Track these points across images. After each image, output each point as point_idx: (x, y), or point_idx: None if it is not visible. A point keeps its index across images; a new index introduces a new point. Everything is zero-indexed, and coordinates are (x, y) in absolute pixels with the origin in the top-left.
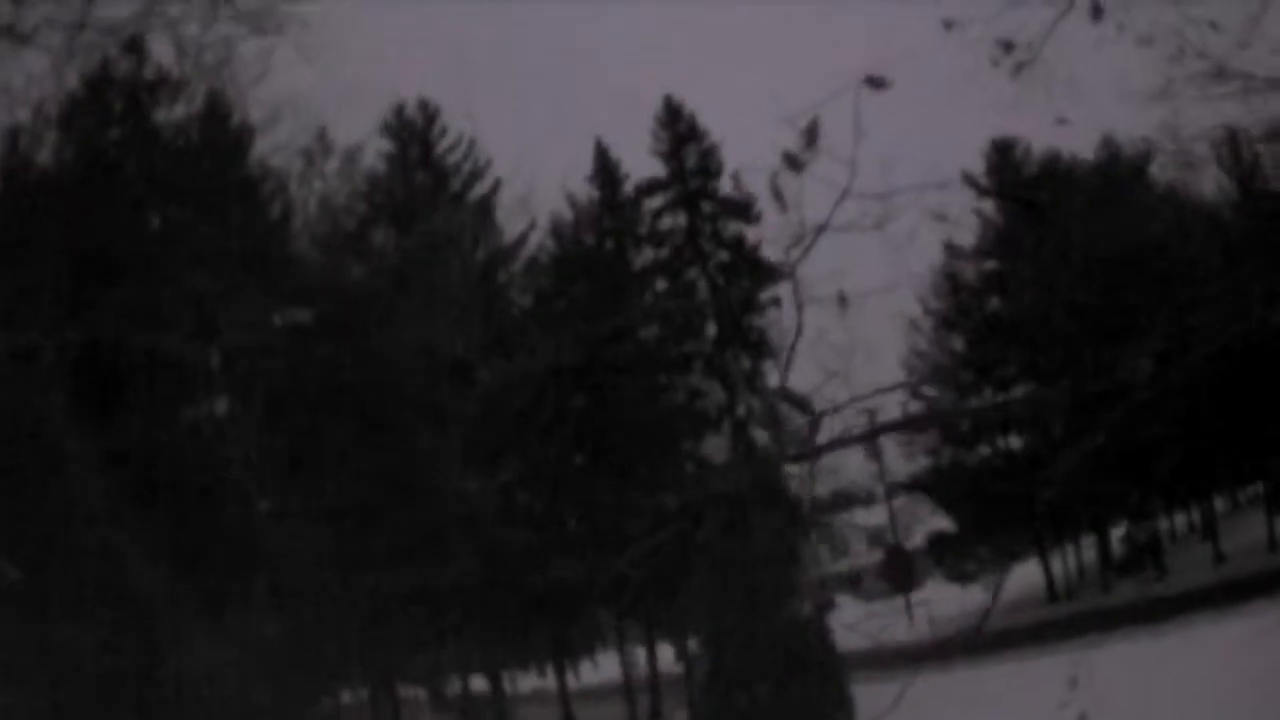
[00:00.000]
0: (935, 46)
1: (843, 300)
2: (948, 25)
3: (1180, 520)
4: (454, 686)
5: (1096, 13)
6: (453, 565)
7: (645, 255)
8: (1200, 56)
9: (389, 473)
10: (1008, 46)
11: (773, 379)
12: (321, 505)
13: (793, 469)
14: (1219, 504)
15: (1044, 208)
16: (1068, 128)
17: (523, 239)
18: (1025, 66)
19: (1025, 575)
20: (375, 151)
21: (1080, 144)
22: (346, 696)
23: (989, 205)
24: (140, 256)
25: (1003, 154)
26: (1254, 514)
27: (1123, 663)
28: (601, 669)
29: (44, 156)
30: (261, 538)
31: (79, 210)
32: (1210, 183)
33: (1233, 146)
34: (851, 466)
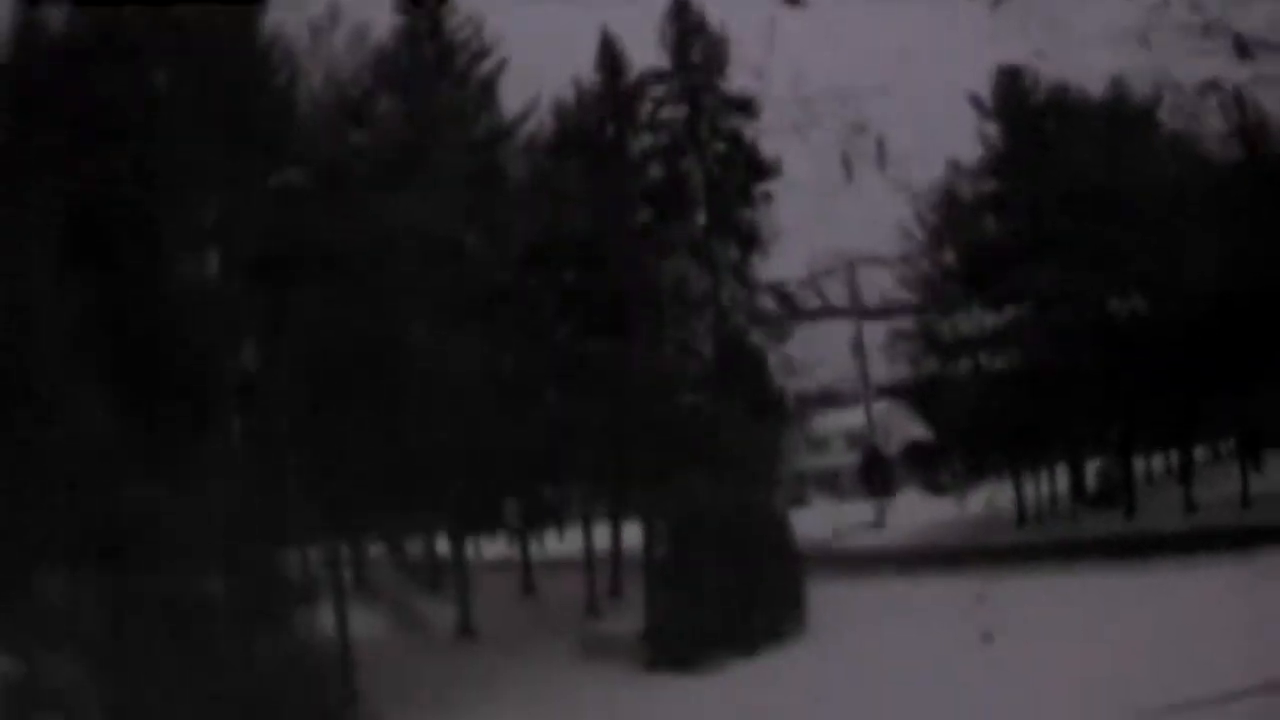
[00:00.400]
0: None
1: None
2: None
3: (1159, 464)
4: (417, 547)
5: None
6: (427, 427)
7: (644, 141)
8: (1193, 9)
9: (370, 335)
10: None
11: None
12: (300, 364)
13: (775, 362)
14: (1200, 453)
15: (1048, 135)
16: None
17: (524, 116)
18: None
19: (1001, 499)
20: (386, 27)
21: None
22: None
23: (993, 128)
24: (140, 114)
25: (1011, 79)
26: (1234, 467)
27: (1050, 592)
28: (567, 542)
29: (57, 24)
30: (234, 391)
31: (83, 68)
32: (1214, 140)
33: (1239, 104)
34: (834, 366)
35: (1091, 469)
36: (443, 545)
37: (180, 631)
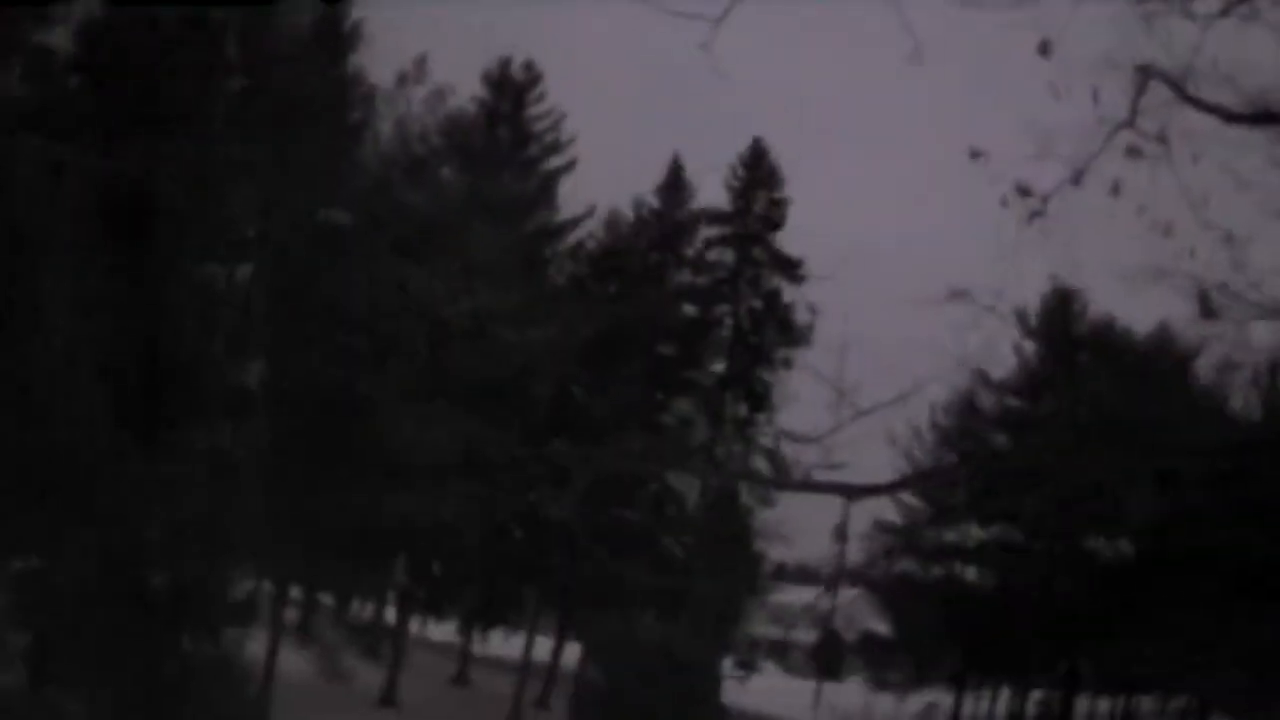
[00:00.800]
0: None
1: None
2: (974, 155)
3: (1105, 707)
4: (366, 611)
5: (1115, 190)
6: (403, 500)
7: (684, 277)
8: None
9: (361, 398)
10: (1024, 192)
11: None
12: (293, 400)
13: (758, 527)
14: (1148, 702)
15: (1084, 367)
16: None
17: (575, 221)
18: (1037, 216)
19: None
20: (467, 96)
21: None
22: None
23: (1030, 346)
24: (205, 110)
25: (1062, 301)
26: None
27: None
28: (509, 644)
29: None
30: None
31: (156, 46)
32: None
33: (1272, 370)
34: (813, 545)
35: (1035, 700)
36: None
37: (117, 610)
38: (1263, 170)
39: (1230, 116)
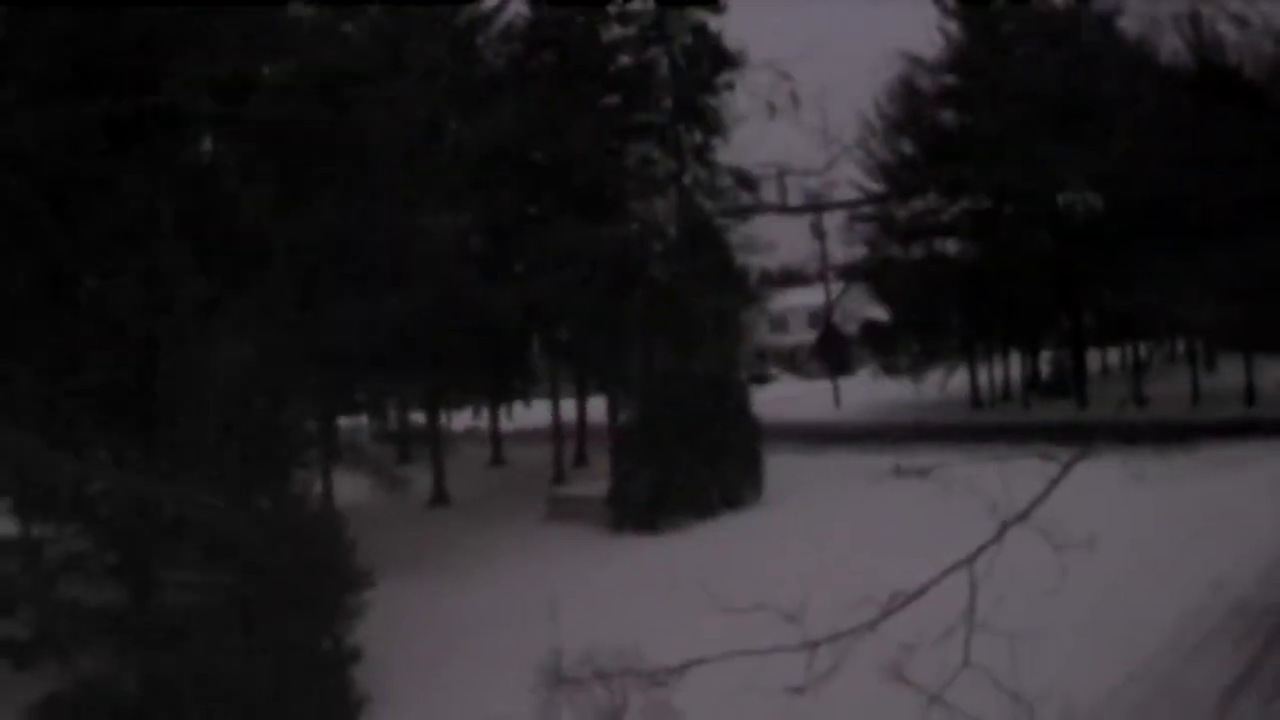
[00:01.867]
0: None
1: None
2: None
3: (1115, 358)
4: (392, 420)
5: None
6: (408, 297)
7: (614, 31)
8: None
9: (361, 211)
10: None
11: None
12: (300, 238)
13: (737, 241)
14: (1156, 353)
15: (1007, 36)
16: None
17: (501, 6)
18: None
19: (956, 383)
20: None
21: None
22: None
23: (953, 24)
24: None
25: None
26: (1186, 368)
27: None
28: (534, 412)
29: None
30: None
31: None
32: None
33: (1194, 19)
34: (795, 247)
35: (1047, 360)
36: (414, 417)
37: (186, 479)
38: None
39: None
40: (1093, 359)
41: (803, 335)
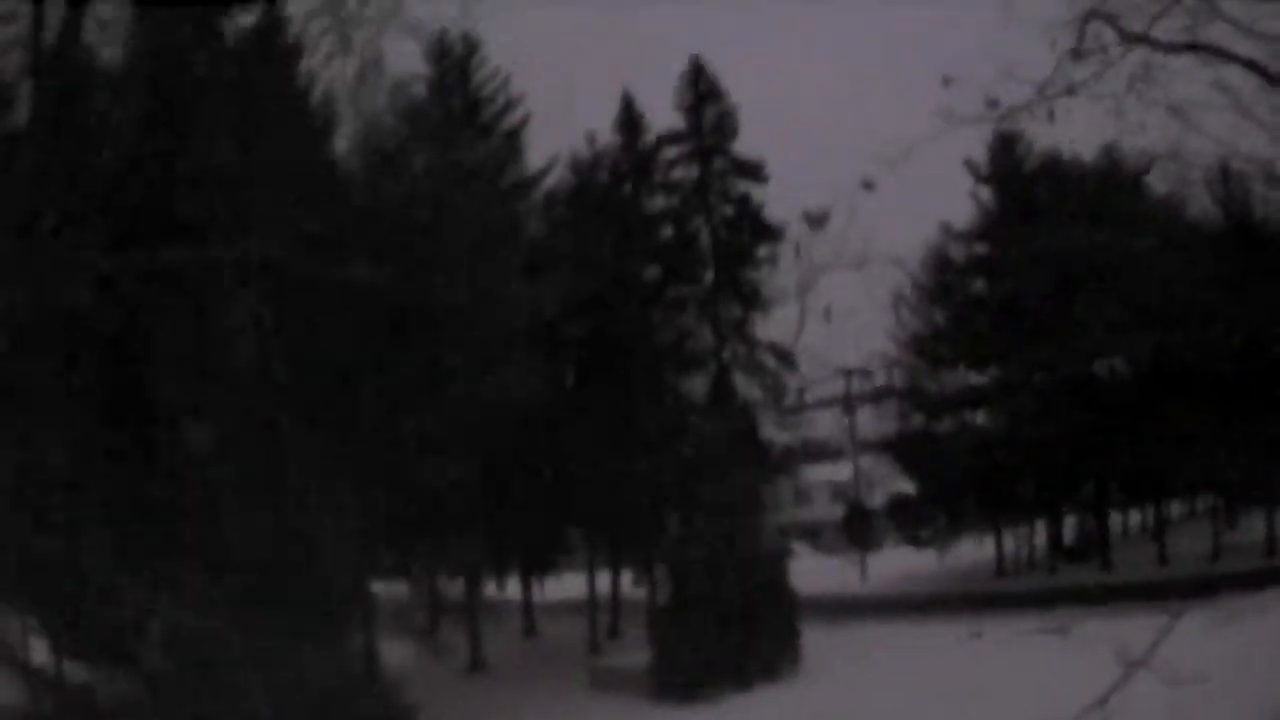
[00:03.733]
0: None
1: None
2: (946, 81)
3: (1136, 520)
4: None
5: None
6: (453, 467)
7: (656, 202)
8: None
9: (410, 380)
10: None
11: (761, 331)
12: (342, 409)
13: (767, 416)
14: (1176, 510)
15: (1039, 202)
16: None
17: (545, 171)
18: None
19: (980, 551)
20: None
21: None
22: None
23: (986, 192)
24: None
25: (1006, 146)
26: (1208, 522)
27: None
28: (564, 585)
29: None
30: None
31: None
32: (1198, 206)
33: (1224, 175)
34: (823, 420)
35: (1071, 525)
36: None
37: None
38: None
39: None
40: (1114, 520)
41: (826, 510)
